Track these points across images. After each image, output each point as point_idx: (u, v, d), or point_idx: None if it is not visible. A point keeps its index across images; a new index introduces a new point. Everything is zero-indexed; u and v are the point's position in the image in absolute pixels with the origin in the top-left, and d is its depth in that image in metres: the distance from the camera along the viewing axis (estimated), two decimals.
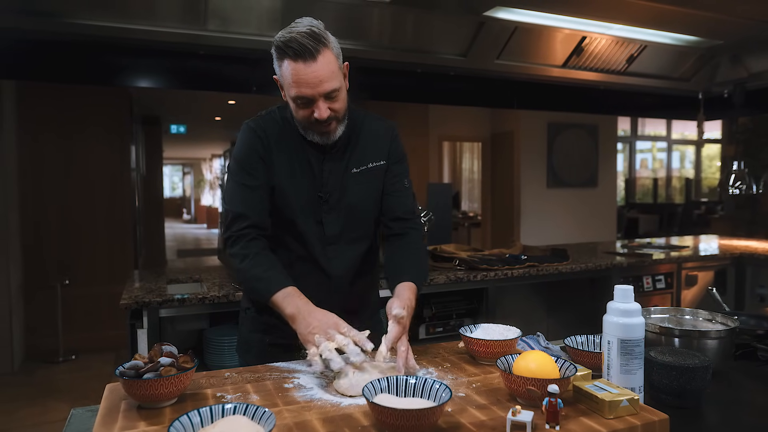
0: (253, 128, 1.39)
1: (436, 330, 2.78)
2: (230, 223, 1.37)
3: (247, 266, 1.33)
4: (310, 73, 1.24)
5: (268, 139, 1.38)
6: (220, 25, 2.75)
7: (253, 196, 1.37)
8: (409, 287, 1.32)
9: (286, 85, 1.29)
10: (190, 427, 0.84)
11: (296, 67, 1.24)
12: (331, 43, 1.28)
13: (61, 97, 4.64)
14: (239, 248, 1.34)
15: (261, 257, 1.33)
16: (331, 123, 1.33)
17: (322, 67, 1.24)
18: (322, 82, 1.25)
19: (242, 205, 1.36)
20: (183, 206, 20.55)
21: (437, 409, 0.86)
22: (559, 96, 4.06)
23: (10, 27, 2.54)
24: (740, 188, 4.02)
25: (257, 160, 1.37)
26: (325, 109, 1.28)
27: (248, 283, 1.37)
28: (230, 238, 1.37)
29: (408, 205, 1.49)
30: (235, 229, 1.36)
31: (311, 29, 1.24)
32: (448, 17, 3.11)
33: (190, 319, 2.40)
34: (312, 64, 1.24)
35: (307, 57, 1.23)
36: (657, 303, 3.27)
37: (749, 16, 3.16)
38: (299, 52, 1.23)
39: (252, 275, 1.32)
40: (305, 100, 1.28)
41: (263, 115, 1.43)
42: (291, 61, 1.24)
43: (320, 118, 1.29)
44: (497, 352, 1.19)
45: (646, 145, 11.55)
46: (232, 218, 1.37)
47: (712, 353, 1.23)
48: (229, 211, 1.38)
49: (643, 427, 0.91)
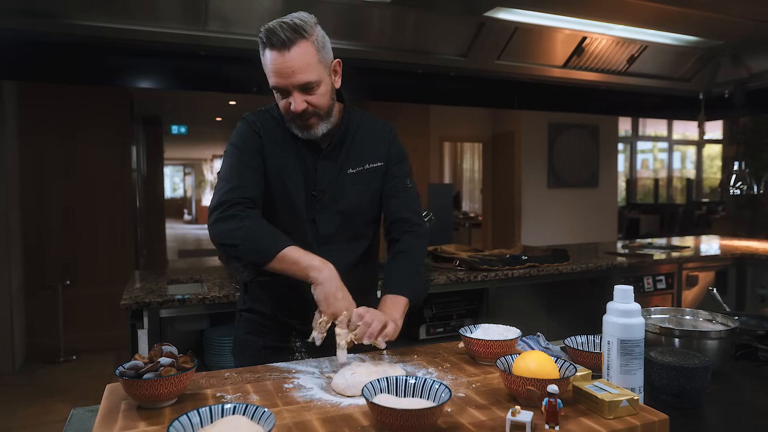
0: (250, 121, 1.40)
1: (437, 330, 2.78)
2: (227, 191, 1.30)
3: (249, 224, 1.25)
4: (282, 63, 1.25)
5: (263, 134, 1.38)
6: (221, 25, 2.75)
7: (252, 174, 1.34)
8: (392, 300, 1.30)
9: (267, 74, 1.30)
10: (190, 427, 0.84)
11: (272, 57, 1.26)
12: (313, 36, 1.27)
13: (62, 97, 4.64)
14: (237, 210, 1.27)
15: (263, 221, 1.29)
16: (311, 117, 1.31)
17: (295, 57, 1.25)
18: (294, 73, 1.26)
19: (240, 179, 1.32)
20: (184, 207, 20.55)
21: (437, 410, 0.86)
22: (559, 96, 4.06)
23: (12, 27, 2.55)
24: (741, 188, 4.02)
25: (256, 146, 1.37)
26: (301, 102, 1.28)
27: (250, 239, 1.24)
28: (225, 202, 1.28)
29: (411, 205, 1.47)
30: (232, 195, 1.29)
31: (294, 20, 1.25)
32: (449, 18, 3.11)
33: (190, 319, 2.40)
34: (285, 53, 1.24)
35: (281, 47, 1.24)
36: (657, 303, 3.27)
37: (750, 17, 3.16)
38: (274, 42, 1.24)
39: (256, 232, 1.25)
40: (280, 90, 1.30)
41: (261, 111, 1.43)
42: (269, 50, 1.26)
43: (294, 110, 1.29)
44: (497, 352, 1.19)
45: (647, 146, 11.54)
46: (230, 188, 1.30)
47: (713, 354, 1.23)
48: (226, 181, 1.32)
49: (643, 427, 0.91)
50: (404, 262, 1.40)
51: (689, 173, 11.42)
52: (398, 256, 1.41)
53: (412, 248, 1.42)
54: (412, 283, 1.36)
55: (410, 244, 1.43)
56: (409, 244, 1.42)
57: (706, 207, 9.58)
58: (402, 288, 1.33)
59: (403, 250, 1.41)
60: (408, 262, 1.40)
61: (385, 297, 1.32)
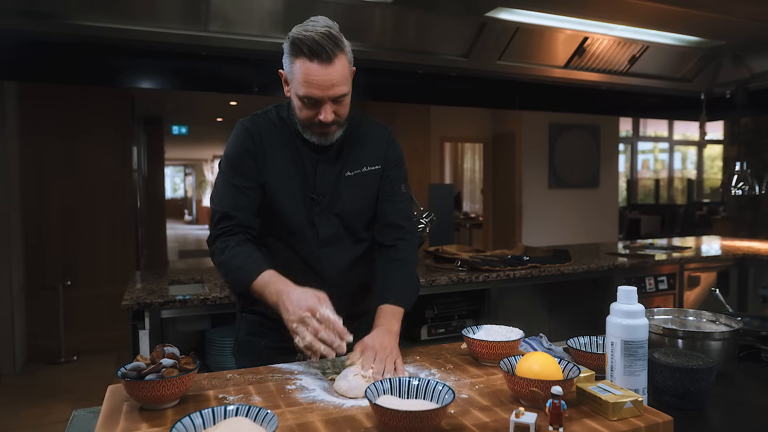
0: (247, 127, 1.38)
1: (438, 331, 2.78)
2: (216, 222, 1.35)
3: (225, 259, 1.30)
4: (323, 75, 1.22)
5: (261, 138, 1.36)
6: (222, 26, 2.75)
7: (241, 196, 1.35)
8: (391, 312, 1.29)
9: (296, 82, 1.26)
10: (192, 428, 0.84)
11: (310, 67, 1.22)
12: (346, 47, 1.26)
13: (63, 98, 4.64)
14: (218, 243, 1.32)
15: (238, 248, 1.30)
16: (332, 126, 1.31)
17: (336, 70, 1.23)
18: (333, 86, 1.23)
19: (230, 205, 1.34)
20: (184, 207, 20.55)
21: (440, 411, 0.86)
22: (560, 96, 4.06)
23: (13, 28, 2.55)
24: (742, 189, 4.01)
25: (249, 160, 1.35)
26: (331, 113, 1.27)
27: (229, 276, 1.32)
28: (211, 236, 1.34)
29: (404, 210, 1.46)
30: (219, 228, 1.33)
31: (329, 30, 1.22)
32: (450, 18, 3.11)
33: (191, 320, 2.40)
34: (327, 66, 1.21)
35: (323, 58, 1.21)
36: (659, 304, 3.27)
37: (751, 17, 3.16)
38: (316, 51, 1.20)
39: (231, 267, 1.29)
40: (313, 101, 1.26)
41: (259, 114, 1.41)
42: (306, 59, 1.22)
43: (325, 120, 1.27)
44: (500, 353, 1.18)
45: (648, 146, 11.54)
46: (219, 218, 1.34)
47: (716, 355, 1.23)
48: (216, 211, 1.36)
49: (647, 428, 0.91)
50: (402, 271, 1.40)
51: (690, 174, 11.42)
52: (395, 264, 1.41)
53: (410, 257, 1.43)
54: (409, 294, 1.38)
55: (408, 253, 1.43)
56: (407, 253, 1.43)
57: (707, 207, 9.58)
58: (400, 299, 1.33)
59: (401, 259, 1.41)
60: (406, 272, 1.40)
61: (383, 307, 1.31)
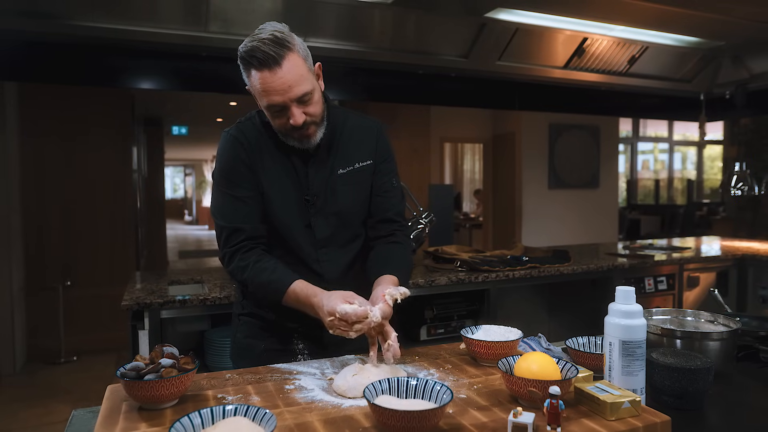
0: (234, 136, 1.36)
1: (437, 331, 2.78)
2: (226, 240, 1.34)
3: (248, 277, 1.31)
4: (277, 80, 1.21)
5: (250, 146, 1.35)
6: (222, 26, 2.75)
7: (243, 207, 1.34)
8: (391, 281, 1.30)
9: (257, 95, 1.26)
10: (191, 428, 0.84)
11: (262, 76, 1.22)
12: (296, 46, 1.25)
13: (63, 98, 4.65)
14: (237, 261, 1.33)
15: (260, 264, 1.31)
16: (309, 127, 1.30)
17: (288, 72, 1.22)
18: (291, 88, 1.23)
19: (235, 219, 1.34)
20: (184, 207, 20.55)
21: (438, 411, 0.86)
22: (560, 97, 4.06)
23: (13, 29, 2.55)
24: (742, 189, 4.02)
25: (244, 170, 1.34)
26: (300, 114, 1.26)
27: (258, 294, 1.35)
28: (226, 254, 1.34)
29: (397, 205, 1.47)
30: (231, 245, 1.33)
31: (273, 34, 1.22)
32: (450, 18, 3.12)
33: (191, 320, 2.40)
34: (278, 70, 1.21)
35: (271, 64, 1.20)
36: (659, 304, 3.27)
37: (750, 17, 3.17)
38: (263, 60, 1.20)
39: (257, 284, 1.31)
40: (277, 107, 1.25)
41: (243, 122, 1.40)
42: (256, 70, 1.22)
43: (296, 124, 1.26)
44: (498, 353, 1.18)
45: (648, 147, 11.54)
46: (227, 234, 1.34)
47: (714, 355, 1.23)
48: (223, 227, 1.35)
49: (645, 428, 0.91)
50: (401, 250, 1.44)
51: (690, 174, 11.42)
52: (393, 245, 1.44)
53: (406, 240, 1.47)
54: (405, 272, 1.40)
55: (404, 237, 1.48)
56: (403, 236, 1.47)
57: (706, 208, 9.58)
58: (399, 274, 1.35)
59: (399, 242, 1.45)
60: (404, 253, 1.44)
61: (384, 277, 1.32)
